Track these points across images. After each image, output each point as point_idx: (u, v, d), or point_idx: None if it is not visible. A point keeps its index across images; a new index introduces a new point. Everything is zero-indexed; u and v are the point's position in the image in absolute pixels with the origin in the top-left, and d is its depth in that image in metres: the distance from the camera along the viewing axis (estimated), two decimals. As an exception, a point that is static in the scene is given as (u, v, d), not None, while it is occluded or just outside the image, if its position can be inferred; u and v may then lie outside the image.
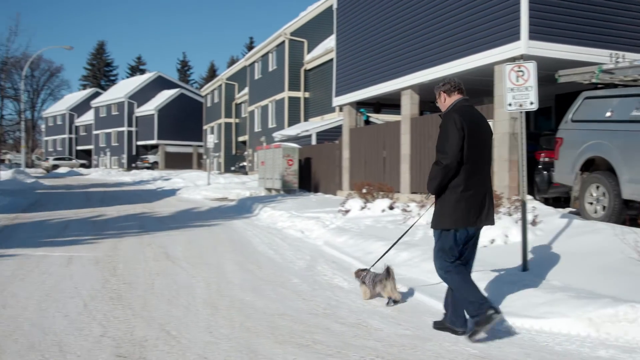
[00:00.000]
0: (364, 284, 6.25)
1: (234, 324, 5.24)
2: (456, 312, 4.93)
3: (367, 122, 19.61)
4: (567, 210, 10.09)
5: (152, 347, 4.57)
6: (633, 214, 8.51)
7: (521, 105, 6.78)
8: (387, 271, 5.90)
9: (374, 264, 6.42)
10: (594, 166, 9.09)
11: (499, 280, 6.29)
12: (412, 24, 14.81)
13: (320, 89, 32.06)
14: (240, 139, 48.15)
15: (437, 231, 4.89)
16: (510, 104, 6.85)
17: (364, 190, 13.55)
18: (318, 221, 11.95)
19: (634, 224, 8.27)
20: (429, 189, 4.85)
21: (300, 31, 33.83)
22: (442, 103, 5.06)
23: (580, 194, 9.19)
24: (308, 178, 22.22)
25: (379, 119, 21.98)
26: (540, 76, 7.07)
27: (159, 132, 59.90)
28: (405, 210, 11.41)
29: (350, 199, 13.61)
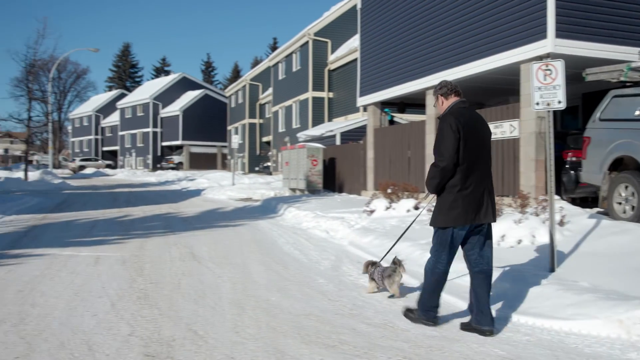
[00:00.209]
0: (373, 280, 6.46)
1: (260, 324, 5.27)
2: (481, 309, 4.94)
3: (392, 122, 19.54)
4: (595, 210, 9.96)
5: (179, 346, 4.61)
6: (664, 214, 8.36)
7: (549, 104, 6.72)
8: (395, 264, 6.19)
9: (383, 257, 6.72)
10: (622, 165, 8.96)
11: (526, 281, 6.21)
12: (437, 23, 14.73)
13: (344, 89, 32.07)
14: (264, 139, 48.35)
15: (435, 229, 5.10)
16: (537, 103, 6.79)
17: (389, 190, 13.49)
18: (343, 221, 11.94)
19: (665, 225, 8.12)
20: (428, 189, 5.08)
21: (324, 31, 33.91)
22: (439, 106, 5.24)
23: (609, 193, 9.05)
24: (332, 178, 22.22)
25: (403, 118, 21.93)
26: (567, 74, 6.99)
27: (183, 133, 60.40)
28: (431, 210, 11.31)
29: (375, 199, 13.57)
